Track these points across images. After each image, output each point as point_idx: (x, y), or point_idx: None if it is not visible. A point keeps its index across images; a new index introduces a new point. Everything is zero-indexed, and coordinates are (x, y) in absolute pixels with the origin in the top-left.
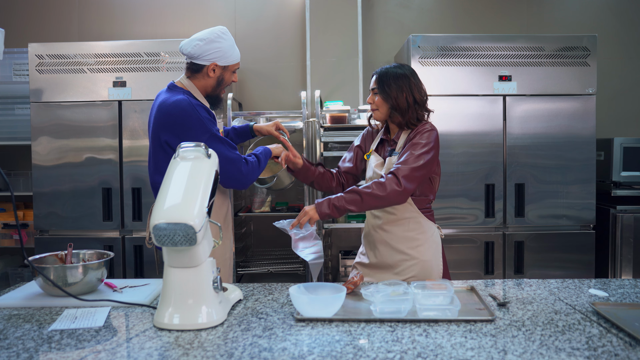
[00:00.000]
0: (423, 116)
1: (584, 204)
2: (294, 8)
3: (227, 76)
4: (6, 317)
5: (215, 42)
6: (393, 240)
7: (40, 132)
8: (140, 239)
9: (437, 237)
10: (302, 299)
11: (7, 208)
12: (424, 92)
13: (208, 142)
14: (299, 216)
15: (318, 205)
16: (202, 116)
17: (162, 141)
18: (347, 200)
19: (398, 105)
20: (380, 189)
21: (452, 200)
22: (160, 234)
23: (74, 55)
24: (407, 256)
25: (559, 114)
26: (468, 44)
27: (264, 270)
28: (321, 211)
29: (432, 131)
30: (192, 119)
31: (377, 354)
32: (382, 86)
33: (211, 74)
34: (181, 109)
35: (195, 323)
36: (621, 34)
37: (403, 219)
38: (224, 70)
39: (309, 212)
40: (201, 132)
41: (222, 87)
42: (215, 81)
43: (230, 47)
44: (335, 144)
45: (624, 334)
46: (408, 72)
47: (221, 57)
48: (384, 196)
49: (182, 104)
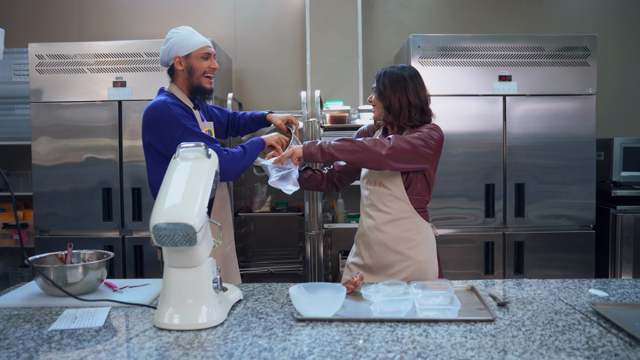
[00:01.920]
0: (421, 120)
1: (584, 204)
2: (294, 8)
3: (195, 63)
4: (6, 317)
5: (170, 39)
6: (389, 240)
7: (40, 132)
8: (140, 239)
9: (432, 237)
10: (302, 299)
11: (7, 208)
12: (423, 95)
13: (183, 136)
14: (285, 152)
15: (305, 145)
16: (176, 112)
17: (146, 143)
18: (334, 146)
19: (390, 106)
20: (370, 142)
21: (452, 200)
22: (160, 234)
23: (74, 55)
24: (403, 256)
25: (559, 114)
26: (468, 44)
27: (264, 270)
28: (307, 150)
29: (435, 129)
30: (165, 117)
31: (377, 354)
32: (379, 85)
33: (179, 67)
34: (155, 108)
35: (195, 323)
36: (621, 34)
37: (399, 219)
38: (188, 58)
39: (295, 148)
40: (176, 128)
41: (197, 76)
42: (186, 72)
43: (185, 37)
44: None
45: (624, 334)
46: (408, 74)
47: (179, 48)
48: (369, 147)
49: (157, 104)
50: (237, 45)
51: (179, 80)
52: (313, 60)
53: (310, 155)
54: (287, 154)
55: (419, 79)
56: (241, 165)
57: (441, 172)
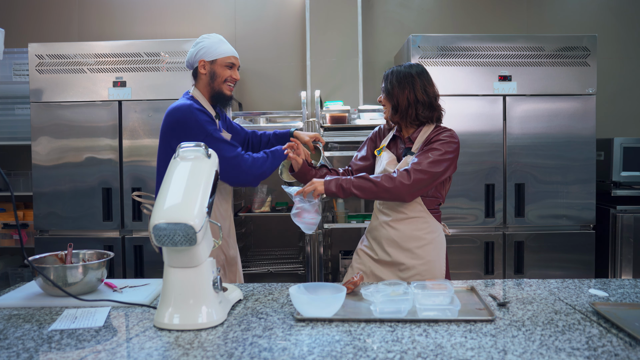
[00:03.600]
0: (430, 116)
1: (584, 204)
2: (294, 8)
3: (218, 70)
4: (6, 317)
5: (199, 43)
6: (401, 238)
7: (40, 132)
8: (140, 239)
9: (442, 237)
10: (302, 299)
11: (7, 208)
12: (431, 92)
13: (206, 141)
14: (306, 186)
15: (326, 182)
16: (200, 118)
17: (165, 142)
18: (354, 185)
19: (398, 104)
20: (389, 182)
21: (452, 200)
22: (160, 234)
23: (74, 55)
24: (413, 255)
25: (559, 114)
26: (468, 44)
27: (264, 270)
28: (328, 188)
29: (452, 143)
30: (188, 121)
31: (377, 354)
32: (387, 85)
33: (202, 70)
34: (181, 111)
35: (195, 323)
36: (621, 34)
37: (412, 218)
38: (213, 64)
39: (317, 184)
40: (198, 133)
41: (219, 82)
42: (208, 77)
43: (214, 43)
44: (336, 144)
45: (624, 334)
46: (415, 71)
47: (206, 53)
48: (390, 188)
49: (182, 107)
50: (237, 45)
51: (201, 84)
52: (313, 60)
53: (332, 193)
54: (309, 189)
55: (426, 75)
56: (262, 170)
57: None
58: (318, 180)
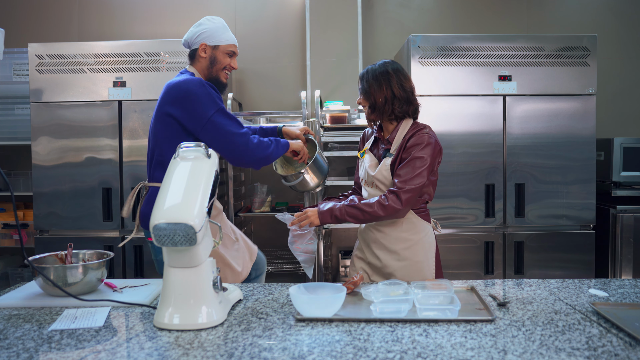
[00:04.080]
0: (406, 111)
1: (584, 204)
2: (294, 8)
3: (219, 56)
4: (6, 317)
5: (202, 25)
6: (386, 240)
7: (40, 132)
8: (140, 239)
9: (431, 237)
10: (302, 299)
11: (7, 208)
12: (408, 86)
13: (216, 115)
14: (300, 217)
15: (320, 213)
16: (211, 92)
17: (165, 114)
18: (348, 213)
19: (375, 103)
20: (381, 209)
21: (452, 200)
22: (160, 234)
23: (74, 55)
24: (399, 256)
25: (559, 114)
26: (468, 44)
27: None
28: (323, 219)
29: (429, 145)
30: (200, 94)
31: (377, 354)
32: (363, 85)
33: (202, 54)
34: (191, 83)
35: (195, 323)
36: (621, 34)
37: (397, 220)
38: (215, 49)
39: (311, 216)
40: (209, 106)
41: (217, 68)
42: (207, 61)
43: (218, 29)
44: (336, 144)
45: (624, 334)
46: (391, 68)
47: (209, 37)
48: (384, 216)
49: (193, 80)
50: (237, 45)
51: (198, 66)
52: (313, 60)
53: (326, 223)
54: (304, 223)
55: (402, 70)
56: (266, 154)
57: (441, 172)
58: (312, 210)
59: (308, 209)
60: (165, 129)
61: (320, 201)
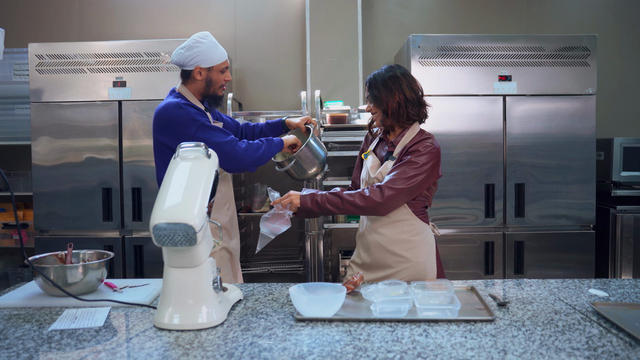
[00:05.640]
0: (418, 113)
1: (584, 204)
2: (294, 8)
3: (214, 76)
4: (6, 317)
5: (194, 47)
6: (386, 242)
7: (40, 132)
8: (140, 239)
9: (431, 238)
10: (302, 299)
11: (7, 208)
12: (417, 89)
13: (199, 131)
14: (284, 197)
15: (302, 196)
16: (190, 111)
17: (159, 142)
18: (329, 201)
19: (389, 108)
20: (361, 200)
21: (452, 200)
22: (160, 234)
23: (74, 55)
24: (401, 258)
25: (559, 114)
26: (468, 44)
27: (264, 270)
28: (303, 201)
29: (431, 153)
30: (179, 116)
31: (377, 354)
32: (372, 92)
33: (198, 77)
34: (168, 109)
35: (195, 323)
36: (621, 34)
37: (397, 222)
38: (210, 71)
39: (293, 197)
40: (190, 125)
41: (215, 88)
42: (204, 83)
43: (211, 49)
44: (336, 144)
45: (624, 334)
46: (399, 72)
47: (203, 60)
48: (363, 207)
49: (170, 105)
50: (237, 45)
51: (194, 86)
52: (313, 60)
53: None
54: (286, 202)
55: (409, 73)
56: (257, 155)
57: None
58: (295, 193)
59: (292, 192)
60: (161, 154)
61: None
